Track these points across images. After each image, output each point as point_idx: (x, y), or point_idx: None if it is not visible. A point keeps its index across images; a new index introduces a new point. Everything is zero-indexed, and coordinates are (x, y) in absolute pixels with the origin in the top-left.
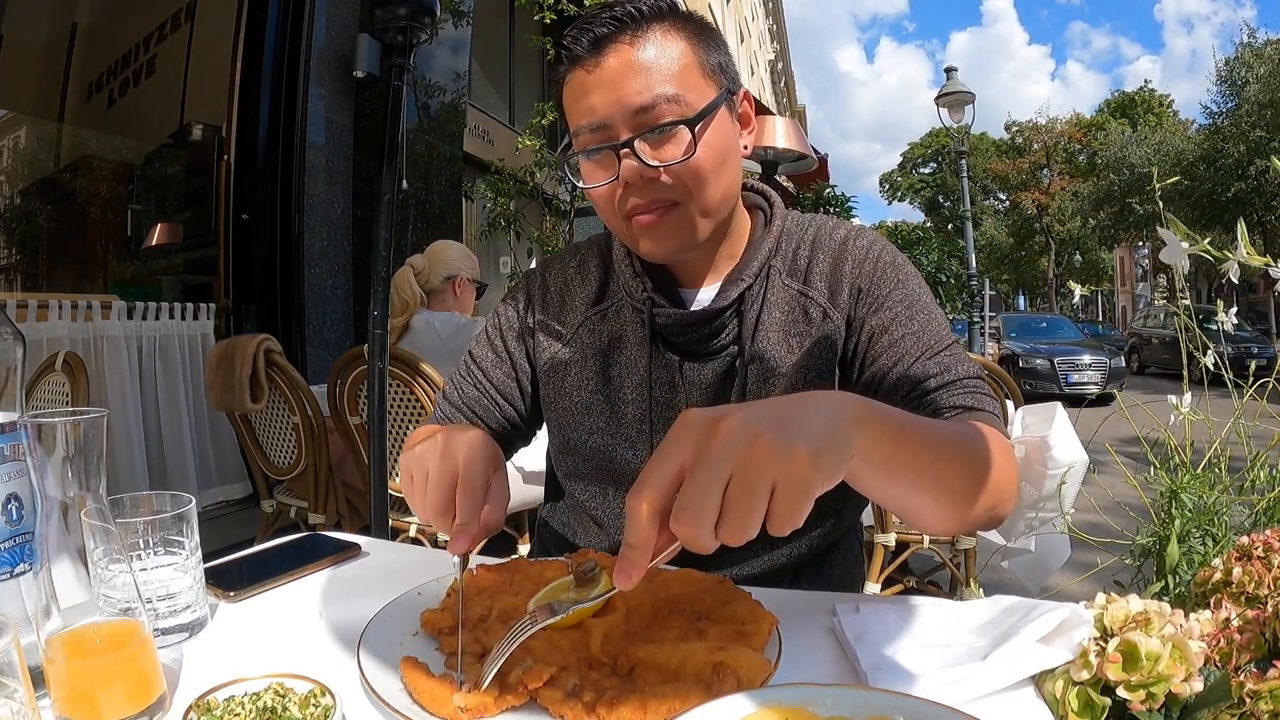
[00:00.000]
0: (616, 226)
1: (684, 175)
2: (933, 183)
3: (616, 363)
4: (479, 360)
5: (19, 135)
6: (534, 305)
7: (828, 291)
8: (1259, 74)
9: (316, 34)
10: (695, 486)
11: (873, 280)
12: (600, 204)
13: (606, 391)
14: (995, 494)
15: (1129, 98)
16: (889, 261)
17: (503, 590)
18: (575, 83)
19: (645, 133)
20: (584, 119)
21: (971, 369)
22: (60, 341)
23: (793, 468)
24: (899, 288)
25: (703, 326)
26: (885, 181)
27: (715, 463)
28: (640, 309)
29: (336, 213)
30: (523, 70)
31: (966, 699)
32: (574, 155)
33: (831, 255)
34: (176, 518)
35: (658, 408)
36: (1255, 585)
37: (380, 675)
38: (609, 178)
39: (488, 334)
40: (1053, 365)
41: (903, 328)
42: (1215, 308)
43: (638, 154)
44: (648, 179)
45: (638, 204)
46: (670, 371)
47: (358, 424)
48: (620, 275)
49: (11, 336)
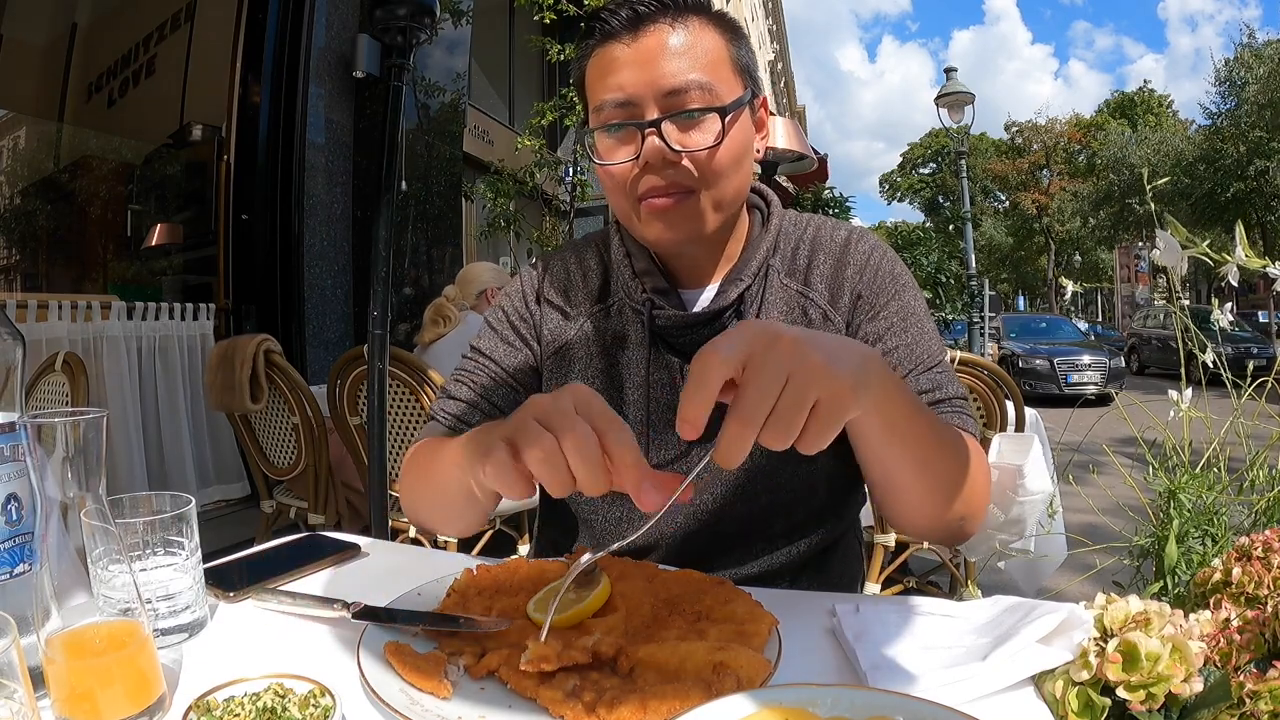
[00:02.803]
0: (624, 209)
1: (705, 163)
2: (932, 183)
3: (619, 362)
4: (488, 352)
5: (19, 135)
6: (540, 298)
7: (828, 294)
8: (1258, 74)
9: (316, 34)
10: (757, 387)
11: (872, 287)
12: (612, 184)
13: (609, 392)
14: (968, 503)
15: (1128, 98)
16: (889, 270)
17: (502, 590)
18: (606, 57)
19: (675, 115)
20: (610, 94)
21: (958, 389)
22: (60, 342)
23: (837, 389)
24: (896, 298)
25: (703, 328)
26: (885, 182)
27: (775, 371)
28: (639, 310)
29: (336, 213)
30: (523, 70)
31: (966, 699)
32: (593, 130)
33: (834, 257)
34: (176, 518)
35: (658, 409)
36: (1255, 585)
37: (380, 675)
38: (629, 156)
39: (492, 327)
40: (1052, 365)
41: (897, 338)
42: (1213, 307)
43: (663, 135)
44: (669, 162)
45: (654, 186)
46: (671, 373)
47: (358, 424)
48: (619, 275)
49: (11, 336)
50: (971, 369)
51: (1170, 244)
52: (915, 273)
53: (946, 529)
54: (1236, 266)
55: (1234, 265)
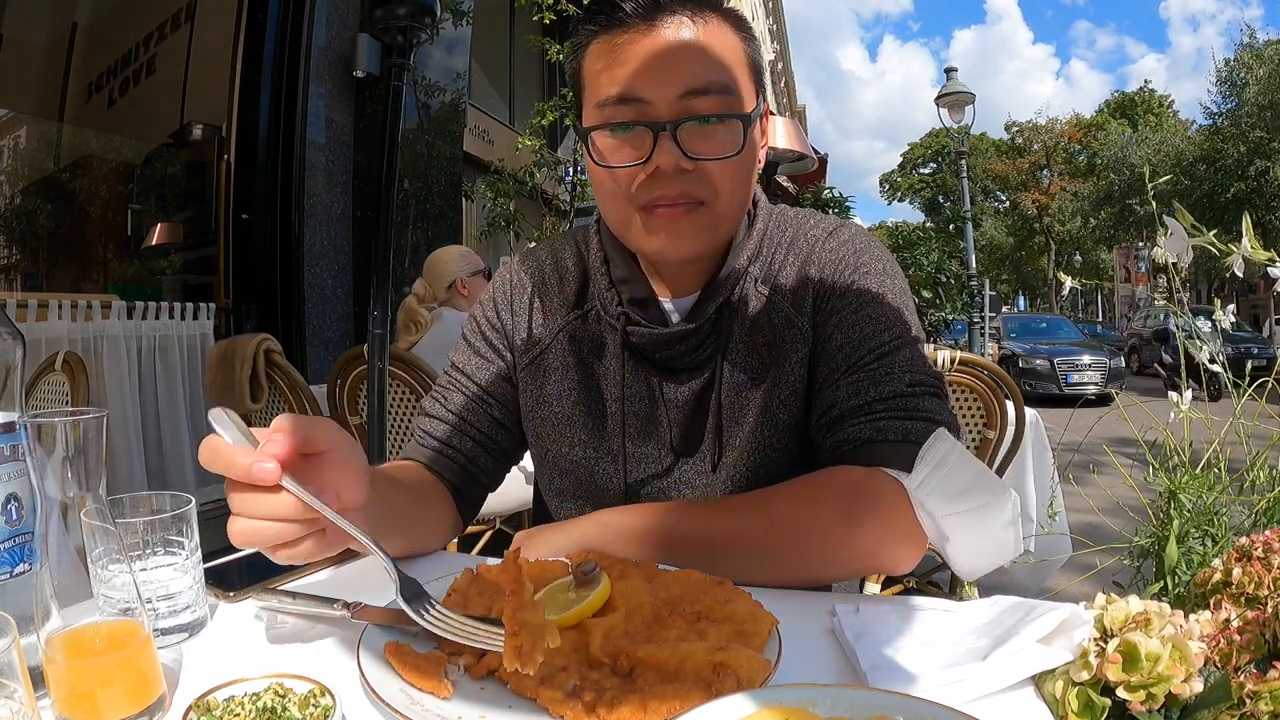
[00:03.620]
0: (621, 216)
1: (721, 175)
2: (933, 183)
3: (596, 373)
4: (461, 366)
5: (19, 135)
6: (511, 305)
7: (793, 295)
8: (1258, 75)
9: (316, 34)
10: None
11: (829, 283)
12: (609, 187)
13: (588, 402)
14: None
15: (1128, 98)
16: (851, 262)
17: (502, 590)
18: (614, 46)
19: (694, 119)
20: (617, 88)
21: (915, 376)
22: (60, 341)
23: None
24: (851, 288)
25: (679, 344)
26: (885, 182)
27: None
28: (614, 325)
29: (336, 213)
30: (523, 70)
31: (966, 699)
32: (594, 128)
33: (802, 257)
34: (176, 518)
35: (635, 422)
36: (1255, 586)
37: (380, 675)
38: (636, 159)
39: (467, 339)
40: (1052, 365)
41: (841, 335)
42: (1213, 307)
43: (679, 141)
44: (681, 170)
45: (663, 195)
46: (649, 386)
47: (358, 424)
48: (596, 282)
49: (11, 336)
50: (971, 369)
51: (1177, 230)
52: (915, 273)
53: (803, 584)
54: (1242, 258)
55: (1239, 256)
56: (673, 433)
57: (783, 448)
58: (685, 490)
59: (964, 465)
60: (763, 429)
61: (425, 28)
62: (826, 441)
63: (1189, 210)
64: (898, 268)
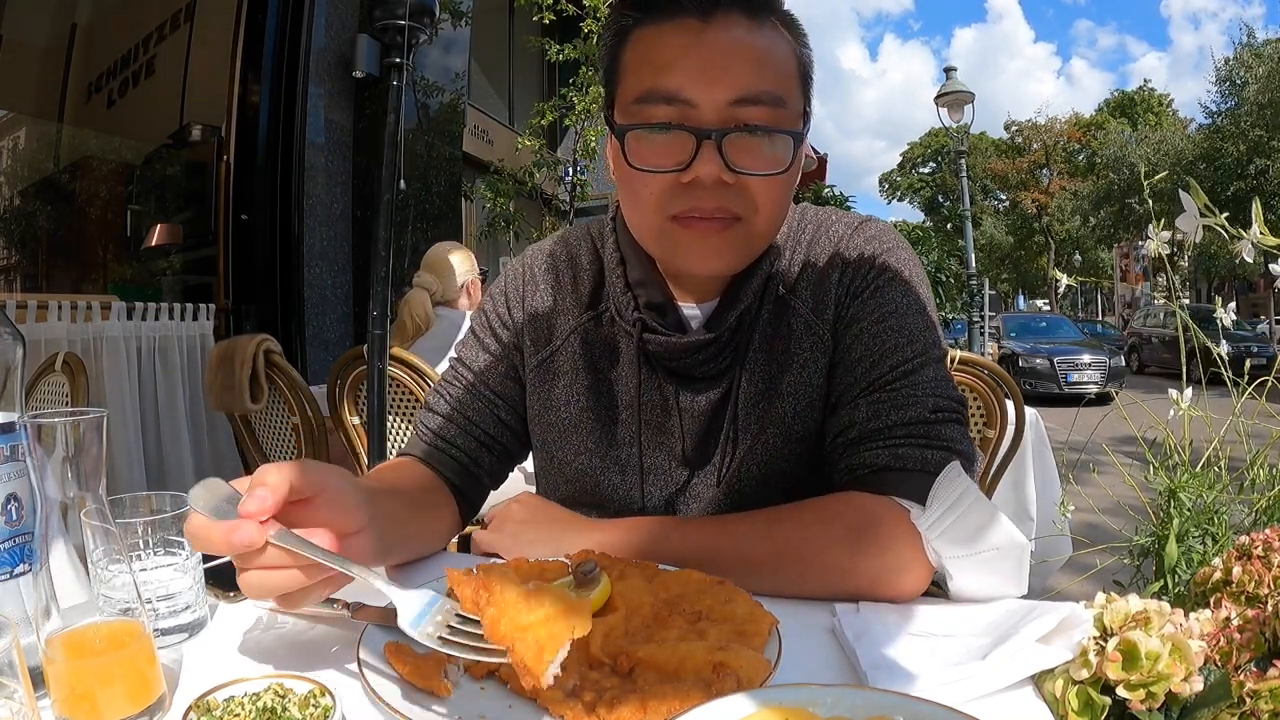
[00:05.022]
0: (647, 222)
1: (765, 192)
2: (932, 182)
3: (609, 378)
4: (468, 362)
5: (19, 135)
6: (523, 301)
7: (814, 302)
8: (1258, 74)
9: (316, 34)
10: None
11: (852, 289)
12: (638, 190)
13: (598, 409)
14: (809, 587)
15: (1128, 97)
16: (879, 265)
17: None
18: (661, 37)
19: (743, 129)
20: (662, 84)
21: (938, 401)
22: (60, 342)
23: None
24: (875, 296)
25: (697, 353)
26: (885, 181)
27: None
28: (630, 331)
29: (336, 213)
30: (522, 70)
31: (966, 699)
32: (629, 127)
33: (823, 260)
34: (176, 518)
35: (649, 431)
36: (1255, 584)
37: (380, 675)
38: (675, 164)
39: (475, 335)
40: (1052, 365)
41: (862, 347)
42: (1214, 306)
43: (724, 152)
44: (723, 182)
45: (698, 207)
46: (664, 395)
47: (357, 424)
48: (612, 284)
49: (11, 337)
50: (971, 369)
51: (1190, 207)
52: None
53: (823, 596)
54: (1251, 244)
55: (1249, 242)
56: (685, 443)
57: (795, 457)
58: (693, 502)
59: (977, 508)
60: (776, 440)
61: (424, 28)
62: (842, 462)
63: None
64: (922, 271)
